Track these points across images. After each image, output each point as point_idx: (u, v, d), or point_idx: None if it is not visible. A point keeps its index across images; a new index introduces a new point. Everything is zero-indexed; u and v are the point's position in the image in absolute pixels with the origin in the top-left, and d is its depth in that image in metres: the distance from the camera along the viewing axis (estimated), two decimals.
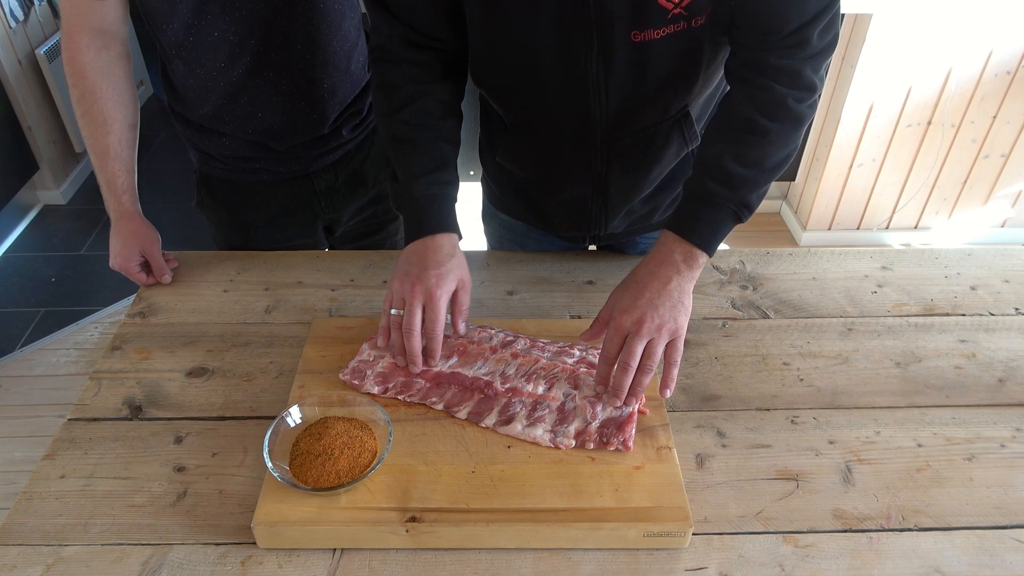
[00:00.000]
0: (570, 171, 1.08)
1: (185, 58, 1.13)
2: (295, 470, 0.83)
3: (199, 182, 1.33)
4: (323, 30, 1.17)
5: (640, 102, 0.97)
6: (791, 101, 0.89)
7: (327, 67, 1.20)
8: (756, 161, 0.91)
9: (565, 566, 0.79)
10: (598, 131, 1.00)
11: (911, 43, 2.40)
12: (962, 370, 1.03)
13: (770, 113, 0.90)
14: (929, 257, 1.24)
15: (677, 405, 0.97)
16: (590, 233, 1.18)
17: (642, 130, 1.01)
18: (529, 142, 1.09)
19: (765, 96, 0.90)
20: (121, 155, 1.14)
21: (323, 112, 1.24)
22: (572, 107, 0.98)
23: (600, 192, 1.09)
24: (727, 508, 0.85)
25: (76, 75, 1.09)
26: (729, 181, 0.91)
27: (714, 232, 0.92)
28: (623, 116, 0.98)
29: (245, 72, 1.15)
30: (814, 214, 2.85)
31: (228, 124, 1.21)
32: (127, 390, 0.99)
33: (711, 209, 0.92)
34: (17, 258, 2.90)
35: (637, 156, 1.05)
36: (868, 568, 0.79)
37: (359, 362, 0.97)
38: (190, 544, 0.81)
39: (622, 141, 1.02)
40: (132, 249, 1.16)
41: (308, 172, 1.31)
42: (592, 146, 1.02)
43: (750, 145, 0.91)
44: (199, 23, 1.08)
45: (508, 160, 1.14)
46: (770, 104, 0.90)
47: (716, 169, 0.92)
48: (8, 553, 0.80)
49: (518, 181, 1.18)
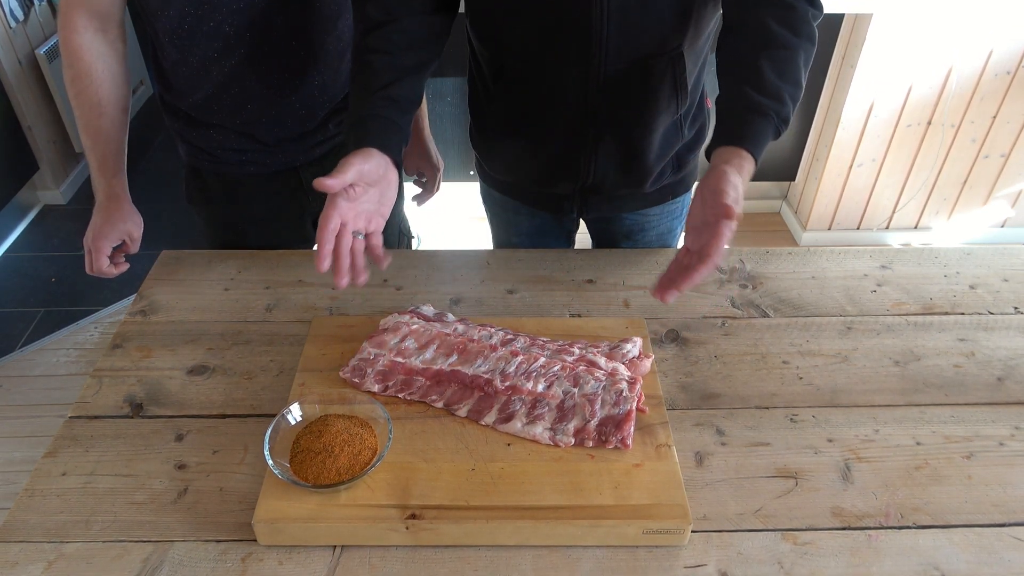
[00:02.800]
0: (565, 107, 1.08)
1: (179, 46, 1.14)
2: (295, 467, 0.83)
3: (187, 175, 1.34)
4: (318, 27, 1.17)
5: (640, 22, 0.99)
6: (811, 18, 0.96)
7: (319, 64, 1.21)
8: (791, 75, 0.95)
9: (565, 563, 0.79)
10: (596, 55, 1.01)
11: (911, 43, 2.40)
12: (961, 369, 1.03)
13: (796, 29, 0.95)
14: (928, 256, 1.25)
15: (676, 403, 0.97)
16: (577, 184, 1.18)
17: (638, 58, 1.02)
18: (523, 79, 1.09)
19: (788, 13, 0.95)
20: (113, 137, 1.14)
21: (312, 108, 1.24)
22: (572, 27, 0.99)
23: (591, 133, 1.10)
24: (726, 506, 0.85)
25: (71, 55, 1.09)
26: (775, 93, 0.93)
27: (763, 142, 0.93)
28: (621, 38, 1.00)
29: (238, 63, 1.15)
30: (814, 214, 2.85)
31: (217, 114, 1.22)
32: (128, 388, 1.00)
33: (762, 119, 0.92)
34: (17, 258, 2.90)
35: (630, 95, 1.06)
36: (867, 566, 0.79)
37: (359, 360, 0.97)
38: (191, 541, 0.81)
39: (618, 68, 1.03)
40: (116, 230, 1.16)
41: (295, 166, 1.31)
42: (588, 75, 1.03)
43: (784, 60, 0.94)
44: (196, 12, 1.09)
45: (499, 109, 1.15)
46: (794, 20, 0.95)
47: (759, 82, 0.93)
48: (10, 550, 0.80)
49: (506, 138, 1.19)
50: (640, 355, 0.98)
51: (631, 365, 0.95)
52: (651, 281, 1.17)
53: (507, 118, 1.16)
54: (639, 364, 0.96)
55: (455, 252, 1.26)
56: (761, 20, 0.96)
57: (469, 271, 1.21)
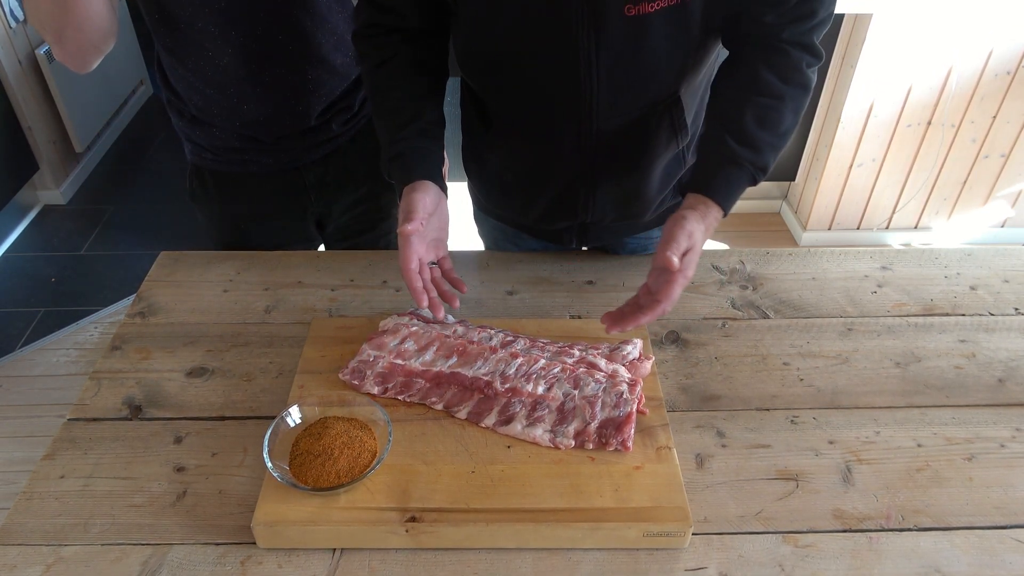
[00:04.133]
0: (561, 158, 1.07)
1: (172, 50, 1.14)
2: (295, 470, 0.83)
3: (191, 173, 1.34)
4: (307, 23, 1.17)
5: (632, 81, 0.97)
6: (804, 66, 0.94)
7: (311, 60, 1.20)
8: (774, 125, 0.95)
9: (565, 566, 0.79)
10: (588, 112, 0.99)
11: (911, 43, 2.40)
12: (962, 370, 1.03)
13: (785, 77, 0.94)
14: (929, 257, 1.24)
15: (677, 405, 0.97)
16: (576, 221, 1.17)
17: (633, 112, 1.01)
18: (517, 131, 1.08)
19: (781, 60, 0.94)
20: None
21: (308, 105, 1.24)
22: (563, 86, 0.98)
23: (588, 179, 1.09)
24: (727, 508, 0.85)
25: None
26: (753, 143, 0.94)
27: (736, 192, 0.95)
28: (614, 96, 0.98)
29: (230, 63, 1.15)
30: (814, 214, 2.85)
31: (217, 116, 1.22)
32: (127, 390, 0.99)
33: (736, 170, 0.94)
34: (17, 258, 2.90)
35: (627, 143, 1.05)
36: (868, 568, 0.79)
37: (359, 362, 0.97)
38: (190, 544, 0.81)
39: (612, 123, 1.01)
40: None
41: (298, 165, 1.31)
42: (582, 130, 1.02)
43: (768, 108, 0.94)
44: (183, 14, 1.09)
45: (494, 156, 1.14)
46: (786, 68, 0.94)
47: (739, 131, 0.94)
48: (8, 553, 0.80)
49: (503, 180, 1.18)
50: (640, 357, 0.97)
51: (631, 367, 0.95)
52: None
53: (502, 166, 1.15)
54: (639, 366, 0.95)
55: (455, 253, 1.25)
56: (752, 66, 0.95)
57: (469, 272, 1.21)
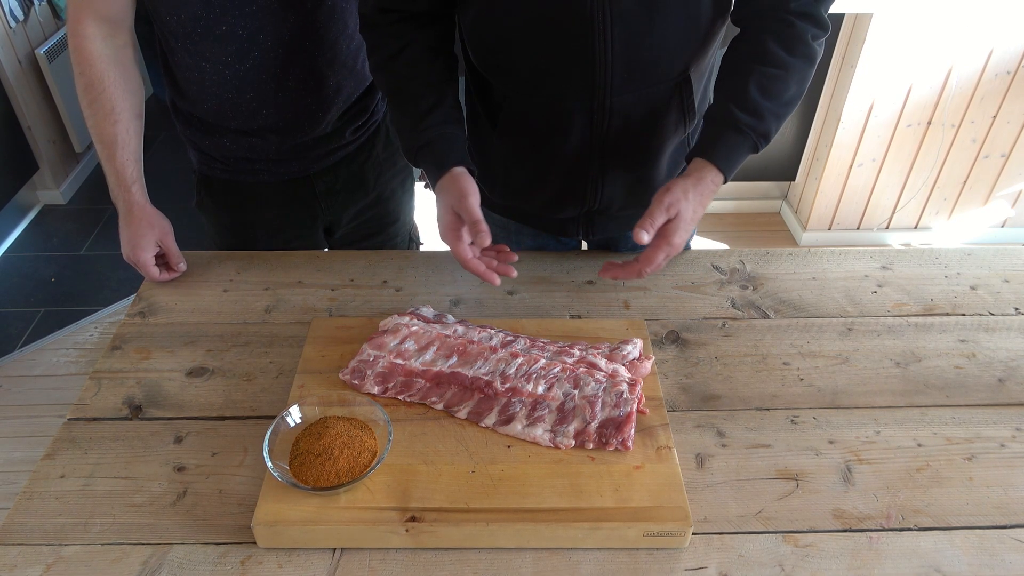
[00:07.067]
0: (570, 139, 1.07)
1: (191, 51, 1.13)
2: (295, 470, 0.83)
3: (199, 182, 1.33)
4: (331, 27, 1.17)
5: (644, 54, 0.98)
6: (809, 37, 0.97)
7: (333, 64, 1.20)
8: (778, 94, 0.97)
9: (565, 566, 0.79)
10: (602, 89, 1.00)
11: (911, 43, 2.40)
12: (962, 370, 1.03)
13: (790, 48, 0.97)
14: (929, 257, 1.24)
15: (677, 405, 0.97)
16: (583, 209, 1.17)
17: (645, 89, 1.02)
18: (527, 113, 1.08)
19: (786, 31, 0.97)
20: (129, 144, 1.12)
21: (327, 109, 1.23)
22: (576, 62, 0.98)
23: (598, 163, 1.09)
24: (727, 508, 0.85)
25: (83, 63, 1.07)
26: (756, 111, 0.97)
27: (736, 157, 0.98)
28: (626, 69, 0.98)
29: (252, 67, 1.14)
30: (814, 214, 2.85)
31: (233, 120, 1.20)
32: (127, 390, 0.99)
33: (738, 136, 0.97)
34: (17, 258, 2.90)
35: (637, 121, 1.05)
36: (868, 568, 0.79)
37: (359, 362, 0.97)
38: (190, 544, 0.81)
39: (625, 100, 1.02)
40: (148, 240, 1.14)
41: (308, 173, 1.31)
42: (594, 107, 1.02)
43: (772, 78, 0.97)
44: (208, 16, 1.08)
45: (501, 142, 1.14)
46: (791, 39, 0.97)
47: (743, 98, 0.97)
48: (8, 552, 0.80)
49: (510, 167, 1.18)
50: (640, 356, 0.97)
51: (631, 367, 0.95)
52: (651, 282, 1.18)
53: (511, 150, 1.15)
54: (639, 365, 0.95)
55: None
56: (758, 37, 0.98)
57: (469, 272, 1.20)
